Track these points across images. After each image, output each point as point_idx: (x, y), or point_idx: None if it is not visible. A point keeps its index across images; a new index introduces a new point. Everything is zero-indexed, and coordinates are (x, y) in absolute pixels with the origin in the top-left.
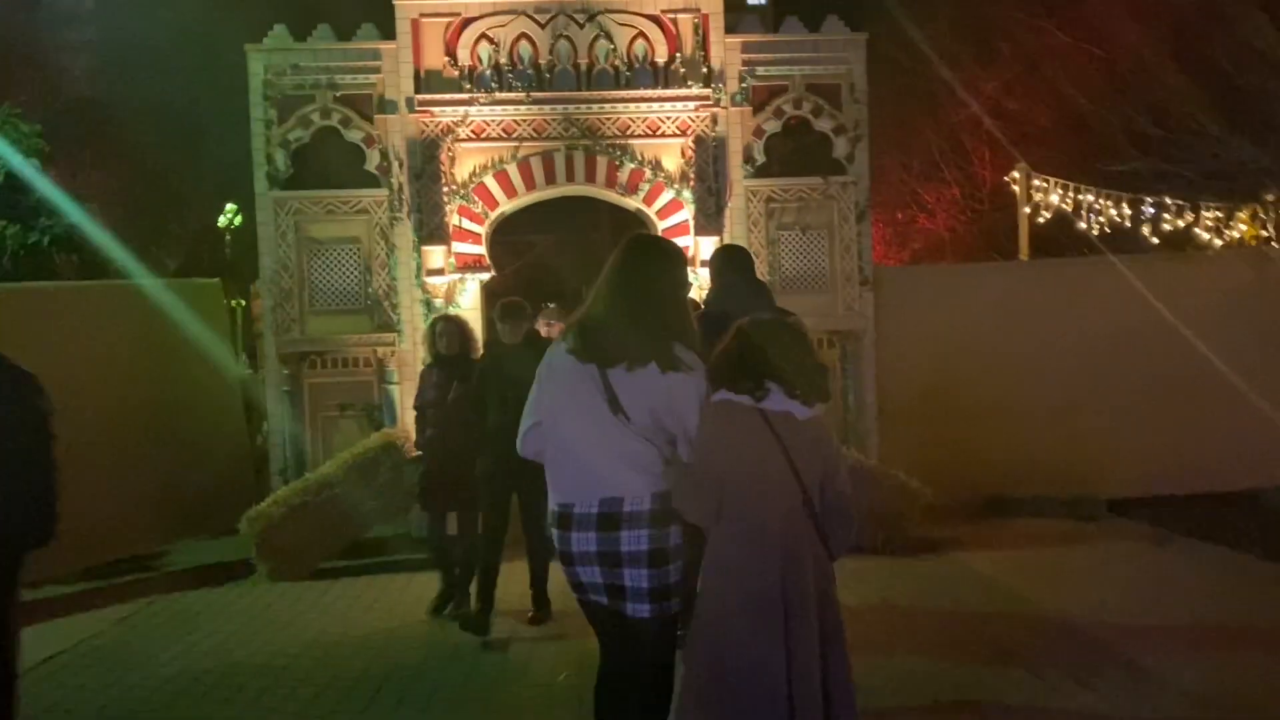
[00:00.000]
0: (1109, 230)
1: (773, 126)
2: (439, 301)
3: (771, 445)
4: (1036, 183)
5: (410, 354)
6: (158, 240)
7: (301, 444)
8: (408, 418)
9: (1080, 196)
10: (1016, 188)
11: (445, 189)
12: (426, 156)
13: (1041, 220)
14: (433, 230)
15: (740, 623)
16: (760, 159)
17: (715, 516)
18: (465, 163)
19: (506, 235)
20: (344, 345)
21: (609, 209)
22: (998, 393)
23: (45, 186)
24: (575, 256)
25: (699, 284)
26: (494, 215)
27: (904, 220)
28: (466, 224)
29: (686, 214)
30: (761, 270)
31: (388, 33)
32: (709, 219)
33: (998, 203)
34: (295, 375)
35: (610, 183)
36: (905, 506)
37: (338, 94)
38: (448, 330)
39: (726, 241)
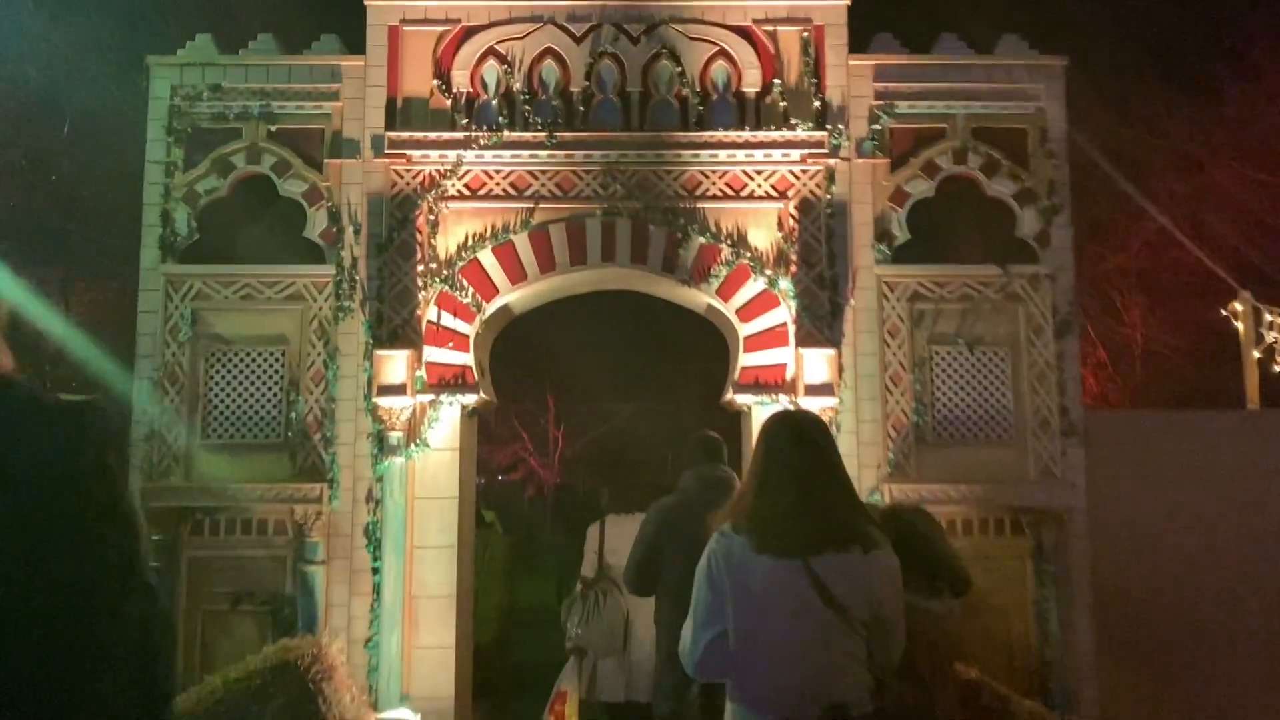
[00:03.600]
0: None
1: (921, 188)
2: (396, 435)
3: None
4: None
5: (346, 517)
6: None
7: (167, 653)
8: (334, 616)
9: None
10: (1239, 324)
11: (421, 267)
12: (397, 220)
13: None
14: (396, 328)
15: None
16: (902, 235)
17: None
18: (453, 230)
19: (585, 404)
20: (246, 499)
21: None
22: None
23: None
24: (663, 425)
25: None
26: (490, 309)
27: None
28: (447, 320)
29: (784, 315)
30: (907, 404)
31: (355, 48)
32: (819, 323)
33: (1156, 362)
34: (170, 543)
35: (668, 266)
36: None
37: (274, 128)
38: None
39: (846, 356)
